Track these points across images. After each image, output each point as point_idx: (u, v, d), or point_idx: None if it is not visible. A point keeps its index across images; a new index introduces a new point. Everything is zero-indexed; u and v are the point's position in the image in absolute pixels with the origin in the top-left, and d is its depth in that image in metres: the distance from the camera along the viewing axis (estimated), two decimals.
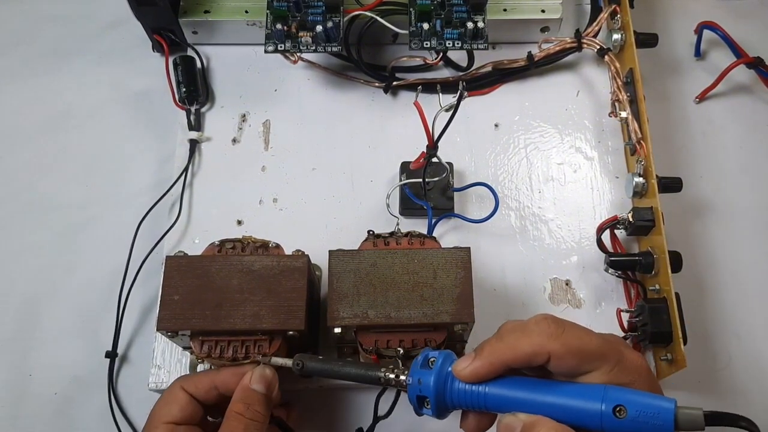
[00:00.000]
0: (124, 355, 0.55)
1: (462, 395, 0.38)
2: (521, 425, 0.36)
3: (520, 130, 0.62)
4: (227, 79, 0.64)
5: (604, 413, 0.34)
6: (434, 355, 0.39)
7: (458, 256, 0.46)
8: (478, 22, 0.57)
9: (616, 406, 0.34)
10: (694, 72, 0.65)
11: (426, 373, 0.38)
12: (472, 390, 0.37)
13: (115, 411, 0.53)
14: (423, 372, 0.38)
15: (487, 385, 0.37)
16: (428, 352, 0.40)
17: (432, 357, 0.39)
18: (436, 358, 0.39)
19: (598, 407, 0.34)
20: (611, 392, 0.35)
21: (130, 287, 0.55)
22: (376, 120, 0.62)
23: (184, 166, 0.59)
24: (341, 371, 0.42)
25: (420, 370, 0.38)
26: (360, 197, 0.59)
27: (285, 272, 0.46)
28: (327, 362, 0.42)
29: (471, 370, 0.37)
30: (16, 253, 0.58)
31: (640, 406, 0.34)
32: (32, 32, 0.67)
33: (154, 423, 0.42)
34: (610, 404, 0.34)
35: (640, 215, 0.53)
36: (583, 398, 0.35)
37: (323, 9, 0.58)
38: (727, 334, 0.55)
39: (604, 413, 0.34)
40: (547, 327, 0.37)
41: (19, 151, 0.62)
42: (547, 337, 0.37)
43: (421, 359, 0.39)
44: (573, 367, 0.37)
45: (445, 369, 0.38)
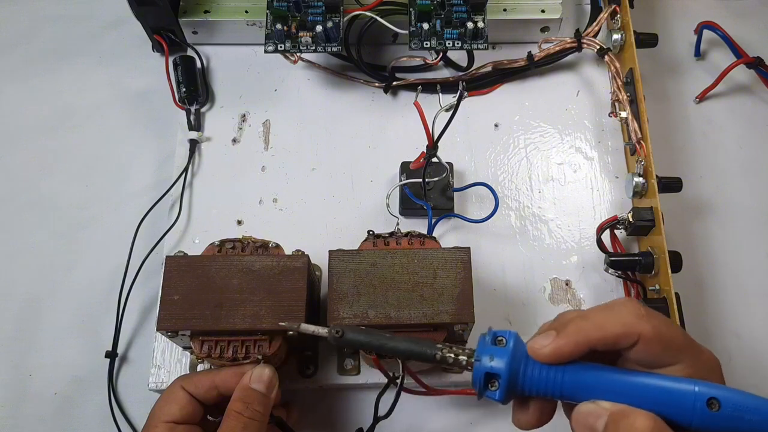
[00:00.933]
0: (124, 355, 0.55)
1: (536, 378, 0.35)
2: (607, 415, 0.33)
3: (520, 130, 0.62)
4: (227, 79, 0.64)
5: (696, 405, 0.32)
6: (503, 335, 0.36)
7: (458, 256, 0.46)
8: (478, 22, 0.57)
9: (710, 398, 0.32)
10: (694, 72, 0.65)
11: (498, 350, 0.35)
12: (549, 373, 0.34)
13: (115, 411, 0.52)
14: (494, 349, 0.35)
15: (565, 371, 0.34)
16: (496, 331, 0.37)
17: (500, 336, 0.36)
18: (506, 338, 0.36)
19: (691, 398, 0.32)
20: (701, 385, 0.33)
21: (130, 287, 0.55)
22: (376, 120, 0.62)
23: (184, 166, 0.59)
24: (387, 345, 0.38)
25: (491, 347, 0.36)
26: (360, 197, 0.59)
27: (285, 272, 0.46)
28: (371, 333, 0.39)
29: (552, 349, 0.34)
30: (16, 253, 0.58)
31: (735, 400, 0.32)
32: (32, 32, 0.67)
33: (154, 422, 0.42)
34: (702, 397, 0.32)
35: (640, 215, 0.53)
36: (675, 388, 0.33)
37: (323, 9, 0.58)
38: (727, 334, 0.55)
39: (696, 405, 0.32)
40: (635, 308, 0.35)
41: (19, 151, 0.62)
42: (637, 317, 0.34)
43: (489, 338, 0.36)
44: (657, 354, 0.34)
45: (519, 348, 0.35)
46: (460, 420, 0.53)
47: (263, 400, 0.42)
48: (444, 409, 0.53)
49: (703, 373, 0.34)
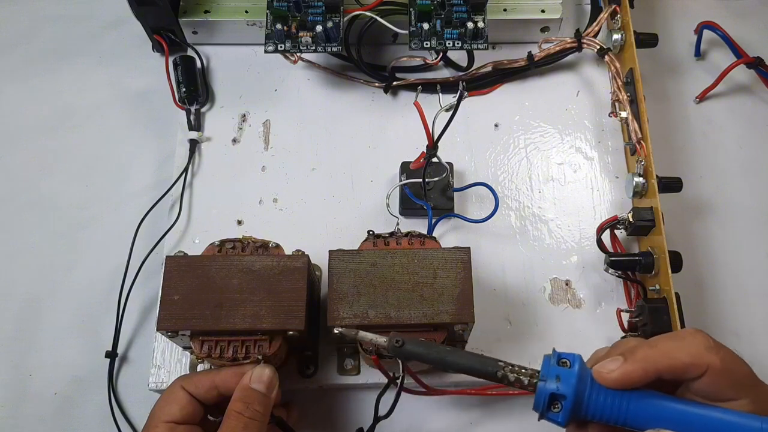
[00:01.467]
0: (124, 355, 0.55)
1: (601, 403, 0.34)
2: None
3: (520, 130, 0.62)
4: (227, 79, 0.64)
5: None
6: (567, 357, 0.36)
7: (458, 256, 0.46)
8: (478, 22, 0.57)
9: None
10: (694, 72, 0.65)
11: (564, 372, 0.35)
12: (614, 399, 0.34)
13: (115, 411, 0.52)
14: (561, 370, 0.35)
15: (630, 398, 0.34)
16: (560, 353, 0.36)
17: (565, 359, 0.36)
18: (570, 360, 0.36)
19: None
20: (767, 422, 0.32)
21: (130, 287, 0.55)
22: (376, 120, 0.62)
23: (184, 166, 0.59)
24: (446, 359, 0.37)
25: (556, 368, 0.35)
26: (360, 197, 0.59)
27: (285, 272, 0.46)
28: (431, 347, 0.38)
29: (621, 374, 0.34)
30: (16, 253, 0.58)
31: None
32: (32, 32, 0.67)
33: (154, 422, 0.42)
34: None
35: (640, 215, 0.53)
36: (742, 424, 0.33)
37: (323, 9, 0.58)
38: (727, 334, 0.55)
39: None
40: (704, 339, 0.35)
41: (19, 151, 0.62)
42: (705, 349, 0.34)
43: (554, 359, 0.36)
44: (722, 388, 0.34)
45: (585, 371, 0.35)
46: (461, 420, 0.53)
47: (263, 400, 0.42)
48: (444, 409, 0.53)
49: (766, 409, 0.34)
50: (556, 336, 0.54)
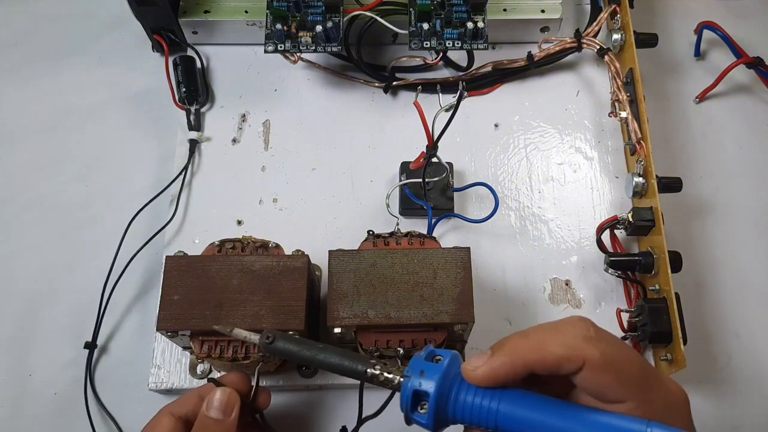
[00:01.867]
0: (124, 354, 0.55)
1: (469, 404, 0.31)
2: None
3: (520, 130, 0.62)
4: (227, 79, 0.64)
5: None
6: (441, 354, 0.33)
7: (458, 256, 0.46)
8: (478, 22, 0.57)
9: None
10: (694, 72, 0.65)
11: (430, 367, 0.32)
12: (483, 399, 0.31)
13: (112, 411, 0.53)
14: (427, 365, 0.32)
15: (501, 399, 0.31)
16: (433, 349, 0.34)
17: (438, 355, 0.33)
18: (443, 357, 0.33)
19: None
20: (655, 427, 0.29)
21: (115, 283, 0.55)
22: (376, 120, 0.62)
23: (183, 166, 0.59)
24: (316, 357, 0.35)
25: (423, 362, 0.33)
26: (360, 197, 0.59)
27: (285, 272, 0.46)
28: (303, 344, 0.36)
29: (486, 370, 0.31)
30: (16, 253, 0.58)
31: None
32: (32, 32, 0.67)
33: None
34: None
35: (640, 215, 0.53)
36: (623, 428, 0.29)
37: (323, 9, 0.58)
38: (727, 334, 0.55)
39: None
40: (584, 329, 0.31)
41: (19, 151, 0.62)
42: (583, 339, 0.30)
43: (424, 354, 0.33)
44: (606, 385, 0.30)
45: (453, 370, 0.32)
46: None
47: (218, 426, 0.40)
48: None
49: (663, 411, 0.30)
50: None
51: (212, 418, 0.40)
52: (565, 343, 0.30)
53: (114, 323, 0.55)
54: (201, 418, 0.40)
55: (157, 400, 0.53)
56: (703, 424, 0.51)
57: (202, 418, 0.40)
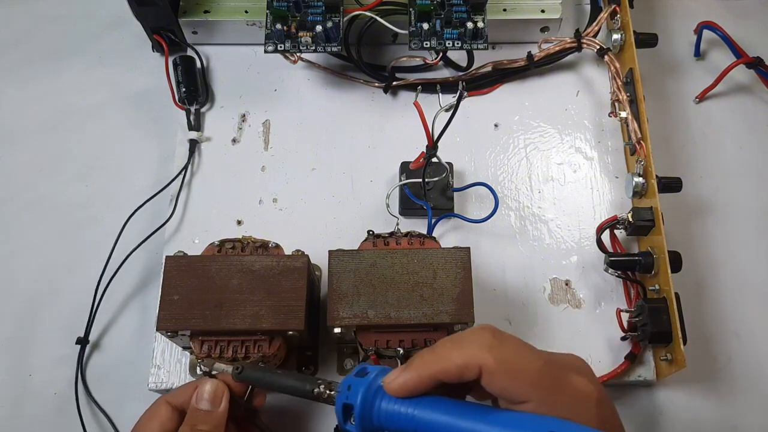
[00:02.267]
0: (124, 354, 0.55)
1: (388, 414, 0.35)
2: None
3: (520, 130, 0.62)
4: (227, 79, 0.64)
5: None
6: (370, 369, 0.37)
7: (458, 256, 0.46)
8: (478, 22, 0.57)
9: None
10: (694, 72, 0.65)
11: (357, 381, 0.36)
12: (401, 410, 0.34)
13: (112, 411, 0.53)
14: (354, 380, 0.36)
15: (417, 406, 0.34)
16: (366, 365, 0.38)
17: (368, 370, 0.37)
18: (371, 372, 0.37)
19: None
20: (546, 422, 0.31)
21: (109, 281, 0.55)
22: (376, 120, 0.62)
23: (183, 166, 0.59)
24: (276, 382, 0.40)
25: (352, 378, 0.37)
26: (360, 197, 0.59)
27: (285, 272, 0.46)
28: (265, 371, 0.41)
29: (400, 383, 0.34)
30: (16, 253, 0.58)
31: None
32: (32, 32, 0.67)
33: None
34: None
35: (640, 215, 0.53)
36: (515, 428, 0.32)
37: (323, 9, 0.58)
38: (727, 334, 0.55)
39: None
40: (482, 338, 0.34)
41: (19, 151, 0.62)
42: (481, 348, 0.34)
43: (356, 370, 0.37)
44: (507, 388, 0.33)
45: (377, 382, 0.36)
46: None
47: (207, 417, 0.41)
48: None
49: (567, 409, 0.33)
50: (556, 336, 0.54)
51: (201, 409, 0.42)
52: (465, 353, 0.34)
53: (114, 323, 0.55)
54: (191, 410, 0.42)
55: None
56: (703, 424, 0.52)
57: (192, 410, 0.42)
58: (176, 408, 0.43)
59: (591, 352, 0.53)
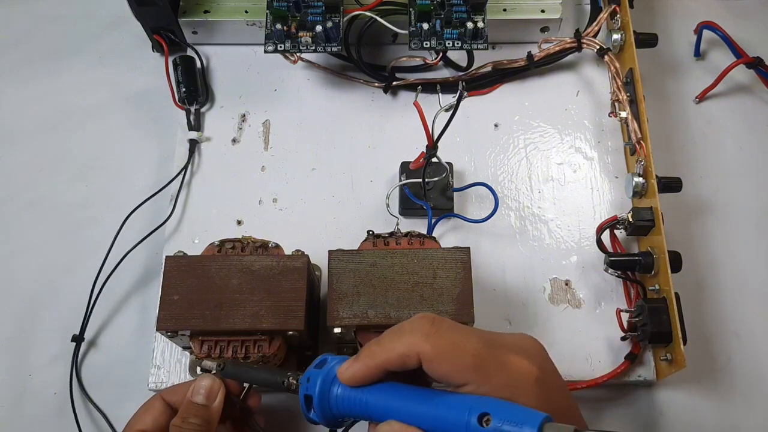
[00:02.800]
0: (123, 354, 0.55)
1: (344, 401, 0.37)
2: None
3: (520, 130, 0.62)
4: (227, 79, 0.64)
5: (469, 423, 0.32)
6: (330, 359, 0.39)
7: (458, 256, 0.46)
8: (478, 22, 0.57)
9: (482, 414, 0.32)
10: (694, 72, 0.65)
11: (316, 373, 0.38)
12: (354, 396, 0.36)
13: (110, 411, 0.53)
14: (313, 371, 0.38)
15: (369, 392, 0.36)
16: (327, 355, 0.39)
17: (328, 360, 0.39)
18: (330, 362, 0.38)
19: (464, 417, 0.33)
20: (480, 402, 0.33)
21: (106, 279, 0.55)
22: (376, 120, 0.62)
23: (183, 166, 0.59)
24: (253, 375, 0.42)
25: (312, 370, 0.38)
26: (360, 197, 0.59)
27: (285, 272, 0.46)
28: (244, 367, 0.43)
29: (351, 373, 0.36)
30: (16, 253, 0.58)
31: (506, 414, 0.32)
32: (32, 32, 0.67)
33: (127, 431, 0.43)
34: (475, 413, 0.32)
35: (640, 215, 0.53)
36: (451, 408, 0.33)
37: (323, 9, 0.58)
38: (727, 334, 0.55)
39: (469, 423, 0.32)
40: (420, 326, 0.35)
41: (19, 151, 0.62)
42: (418, 337, 0.35)
43: (316, 361, 0.39)
44: (446, 373, 0.35)
45: (333, 372, 0.37)
46: None
47: (202, 410, 0.42)
48: None
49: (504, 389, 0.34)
50: (556, 336, 0.54)
51: (196, 403, 0.42)
52: (404, 342, 0.35)
53: (114, 323, 0.55)
54: (186, 403, 0.42)
55: None
56: (703, 424, 0.52)
57: (187, 403, 0.42)
58: (171, 404, 0.44)
59: (591, 352, 0.53)
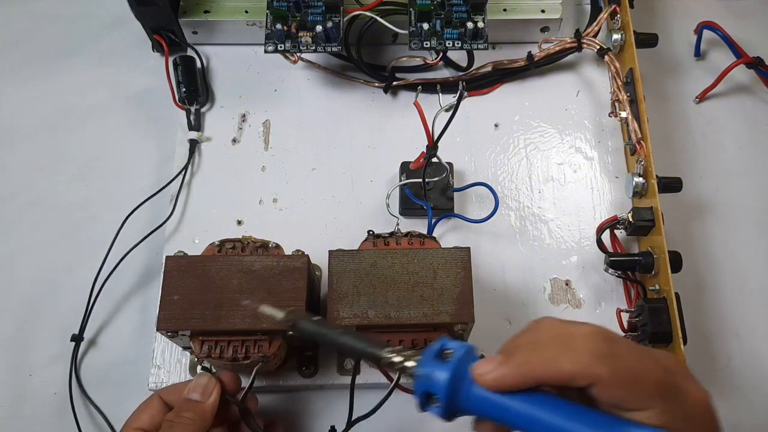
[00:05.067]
0: (124, 354, 0.55)
1: (480, 402, 0.32)
2: None
3: (520, 130, 0.62)
4: (227, 79, 0.64)
5: None
6: (452, 347, 0.33)
7: (458, 256, 0.46)
8: (478, 22, 0.57)
9: None
10: (694, 72, 0.65)
11: (439, 366, 0.32)
12: (493, 399, 0.31)
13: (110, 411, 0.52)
14: (436, 365, 0.32)
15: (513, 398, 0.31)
16: (445, 341, 0.34)
17: (449, 348, 0.33)
18: (455, 351, 0.33)
19: None
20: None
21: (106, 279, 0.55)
22: (376, 120, 0.62)
23: (183, 166, 0.59)
24: (337, 340, 0.37)
25: (433, 362, 0.33)
26: (360, 197, 0.59)
27: (285, 272, 0.46)
28: (323, 326, 0.38)
29: (495, 378, 0.31)
30: (16, 253, 0.58)
31: None
32: (32, 32, 0.67)
33: (125, 428, 0.43)
34: None
35: (640, 215, 0.53)
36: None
37: (323, 9, 0.57)
38: (727, 334, 0.55)
39: None
40: (595, 345, 0.30)
41: (19, 151, 0.62)
42: (594, 357, 0.30)
43: (435, 348, 0.33)
44: (621, 399, 0.30)
45: (463, 366, 0.32)
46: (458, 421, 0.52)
47: (196, 407, 0.42)
48: None
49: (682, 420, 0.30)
50: None
51: (191, 399, 0.43)
52: (576, 360, 0.30)
53: (114, 322, 0.55)
54: (181, 400, 0.43)
55: None
56: None
57: (182, 400, 0.43)
58: (168, 403, 0.44)
59: None
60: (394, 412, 0.49)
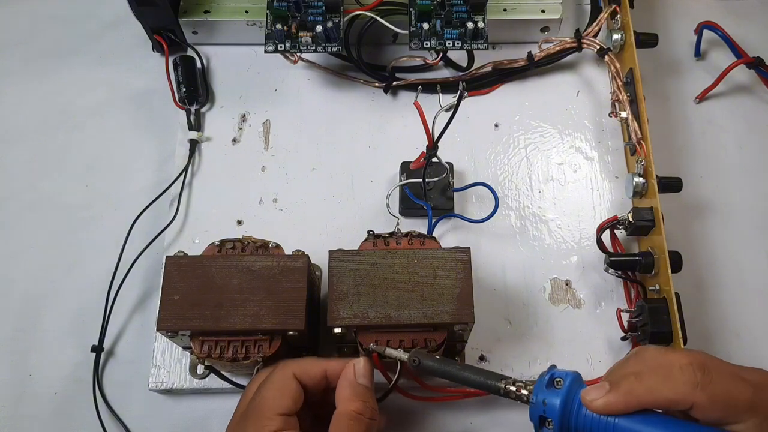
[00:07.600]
0: (112, 350, 0.55)
1: (589, 423, 0.37)
2: None
3: (520, 130, 0.62)
4: (227, 79, 0.64)
5: None
6: (561, 376, 0.38)
7: (458, 256, 0.46)
8: (478, 22, 0.57)
9: None
10: (694, 72, 0.65)
11: (552, 393, 0.38)
12: (601, 419, 0.36)
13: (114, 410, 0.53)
14: (549, 393, 0.38)
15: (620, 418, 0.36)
16: (555, 371, 0.39)
17: (558, 377, 0.38)
18: (563, 379, 0.38)
19: None
20: None
21: (120, 283, 0.55)
22: (376, 120, 0.62)
23: (183, 166, 0.59)
24: (459, 375, 0.41)
25: (546, 391, 0.38)
26: (360, 197, 0.59)
27: (285, 272, 0.46)
28: (444, 363, 0.42)
29: (604, 403, 0.36)
30: (16, 253, 0.58)
31: None
32: (32, 32, 0.67)
33: (268, 414, 0.40)
34: None
35: (640, 215, 0.53)
36: None
37: (323, 9, 0.58)
38: (727, 334, 0.55)
39: None
40: (692, 375, 0.35)
41: (19, 151, 0.62)
42: (690, 386, 0.35)
43: (547, 378, 0.39)
44: (717, 418, 0.35)
45: (573, 392, 0.38)
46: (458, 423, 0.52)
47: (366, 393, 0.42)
48: (440, 411, 0.53)
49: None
50: (556, 336, 0.54)
51: (364, 386, 0.42)
52: (674, 390, 0.35)
53: (114, 323, 0.55)
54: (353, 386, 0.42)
55: (158, 400, 0.53)
56: None
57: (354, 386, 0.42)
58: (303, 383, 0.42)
59: (591, 352, 0.53)
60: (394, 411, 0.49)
